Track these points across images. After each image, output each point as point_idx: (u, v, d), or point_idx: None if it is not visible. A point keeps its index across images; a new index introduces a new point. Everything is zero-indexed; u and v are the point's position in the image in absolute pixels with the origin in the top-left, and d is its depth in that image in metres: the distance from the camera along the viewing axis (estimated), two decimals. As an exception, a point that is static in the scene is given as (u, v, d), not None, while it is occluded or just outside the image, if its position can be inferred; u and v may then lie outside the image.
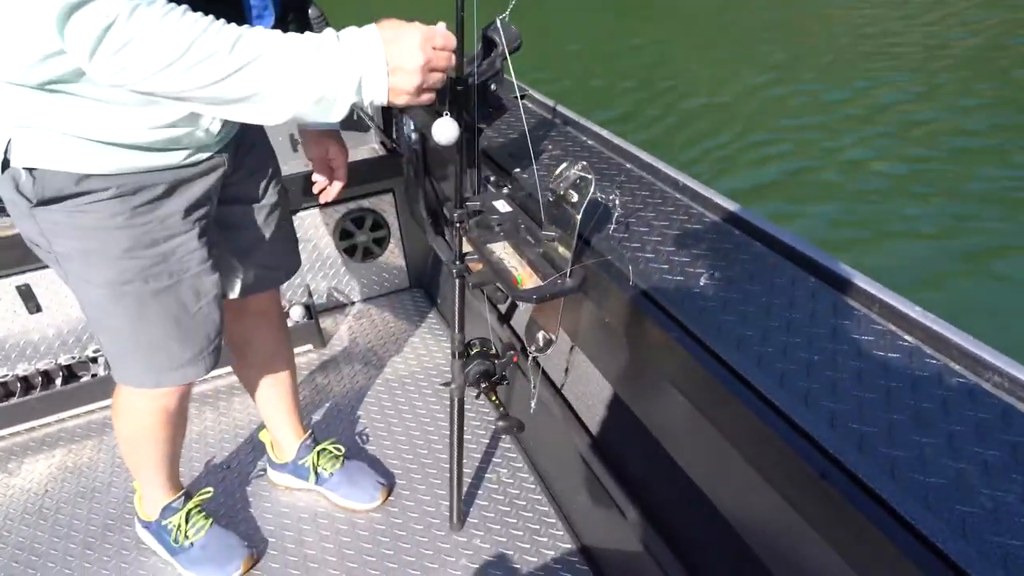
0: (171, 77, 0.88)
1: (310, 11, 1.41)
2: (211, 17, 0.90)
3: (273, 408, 1.83)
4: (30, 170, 1.09)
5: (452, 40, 1.01)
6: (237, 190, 1.42)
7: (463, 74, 1.18)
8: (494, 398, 1.52)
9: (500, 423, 1.52)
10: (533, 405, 1.54)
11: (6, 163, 1.09)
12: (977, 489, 0.81)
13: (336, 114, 0.96)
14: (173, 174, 1.19)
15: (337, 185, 1.62)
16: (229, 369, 2.23)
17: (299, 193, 2.38)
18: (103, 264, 1.19)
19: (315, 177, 1.61)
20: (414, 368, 2.41)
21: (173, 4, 0.89)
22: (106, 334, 1.32)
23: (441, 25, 1.01)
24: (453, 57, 1.02)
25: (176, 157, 1.18)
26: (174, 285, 1.26)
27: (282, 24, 1.26)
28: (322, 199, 1.62)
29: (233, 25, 0.91)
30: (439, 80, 1.01)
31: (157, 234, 1.21)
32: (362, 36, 0.95)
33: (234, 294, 1.54)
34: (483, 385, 1.50)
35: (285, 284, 1.79)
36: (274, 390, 1.80)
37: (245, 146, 1.40)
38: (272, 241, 1.54)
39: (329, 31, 0.96)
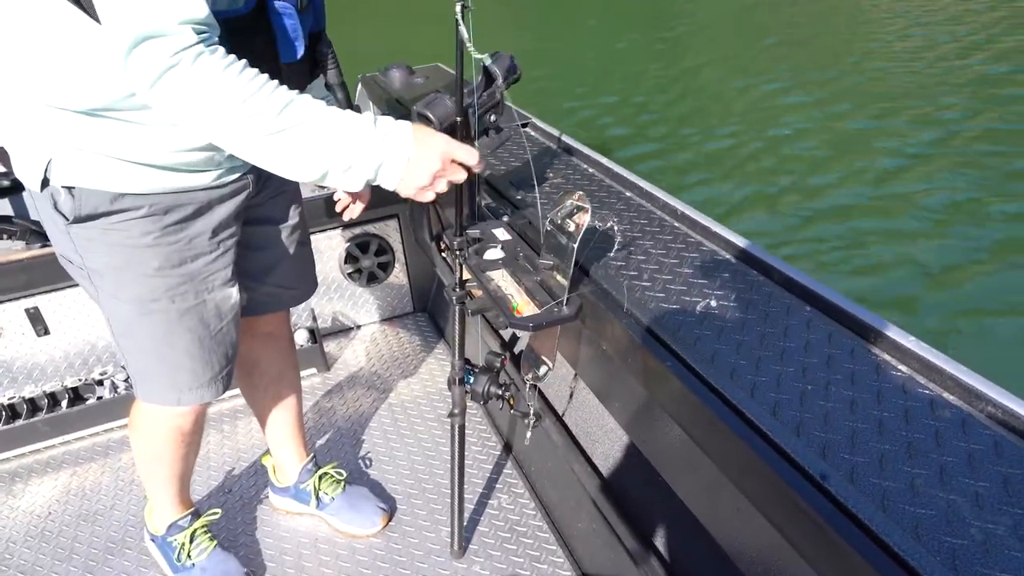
0: (219, 125, 0.96)
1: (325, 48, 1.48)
2: (266, 76, 0.97)
3: (277, 429, 1.84)
4: (69, 189, 1.14)
5: (473, 158, 1.10)
6: (261, 211, 1.45)
7: (464, 105, 1.21)
8: (509, 398, 1.52)
9: (518, 412, 1.53)
10: (528, 436, 1.54)
11: (45, 182, 1.14)
12: (968, 521, 0.81)
13: (351, 185, 1.04)
14: (204, 195, 1.24)
15: (360, 205, 1.61)
16: (235, 392, 2.25)
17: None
18: (133, 281, 1.23)
19: (338, 195, 1.61)
20: (417, 393, 2.42)
21: (233, 57, 0.95)
22: (131, 351, 1.34)
23: (469, 148, 1.10)
24: (466, 173, 1.11)
25: (206, 178, 1.23)
26: (199, 305, 1.29)
27: (309, 52, 1.33)
28: (345, 217, 1.60)
29: (285, 88, 0.98)
30: (444, 186, 1.10)
31: (185, 253, 1.24)
32: (396, 129, 1.04)
33: (245, 313, 1.54)
34: (492, 392, 1.51)
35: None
36: (279, 412, 1.81)
37: None
38: (291, 262, 1.57)
39: (368, 115, 1.03)
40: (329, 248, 2.56)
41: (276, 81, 0.99)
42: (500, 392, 1.52)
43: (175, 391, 1.37)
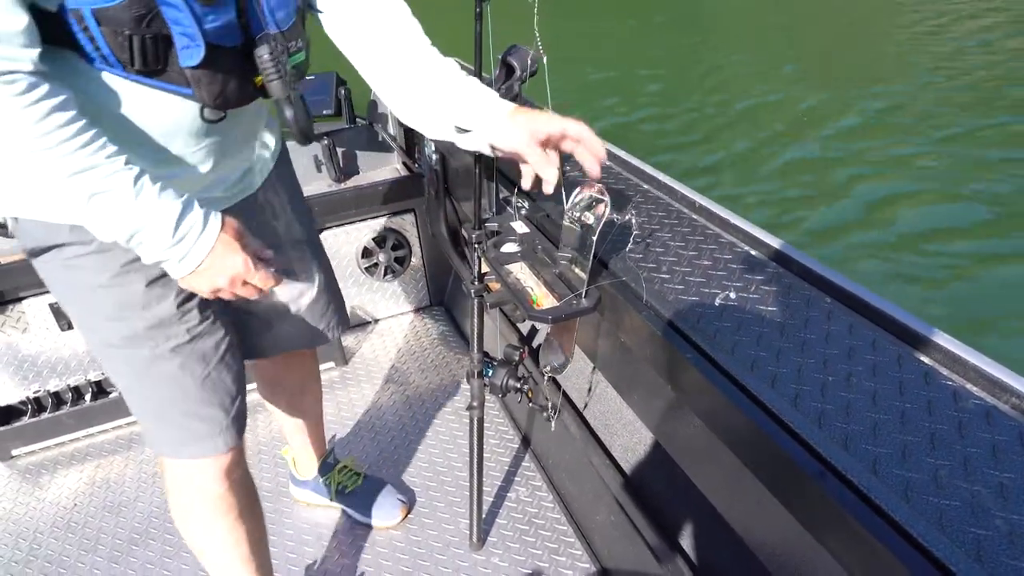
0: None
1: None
2: (76, 126, 0.85)
3: (297, 430, 1.82)
4: (15, 219, 1.03)
5: (267, 285, 1.04)
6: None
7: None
8: (528, 391, 1.53)
9: (536, 405, 1.53)
10: (553, 426, 1.55)
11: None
12: (992, 512, 0.80)
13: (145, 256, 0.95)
14: None
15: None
16: (252, 385, 2.27)
17: (321, 213, 2.43)
18: (96, 324, 1.11)
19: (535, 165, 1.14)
20: (434, 386, 2.43)
21: (40, 94, 0.82)
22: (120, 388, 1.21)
23: (267, 274, 1.03)
24: (256, 292, 1.05)
25: None
26: (175, 350, 1.13)
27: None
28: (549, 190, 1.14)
29: (94, 150, 0.86)
30: (227, 295, 1.03)
31: (150, 295, 1.09)
32: (194, 240, 0.95)
33: (261, 356, 1.45)
34: (511, 384, 1.52)
35: None
36: (300, 417, 1.78)
37: (265, 196, 1.29)
38: (309, 299, 1.42)
39: (173, 208, 0.92)
40: (347, 243, 2.58)
41: (90, 135, 0.86)
42: (519, 385, 1.53)
43: (170, 444, 1.22)
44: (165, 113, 0.98)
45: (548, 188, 1.12)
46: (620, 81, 8.25)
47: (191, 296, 1.13)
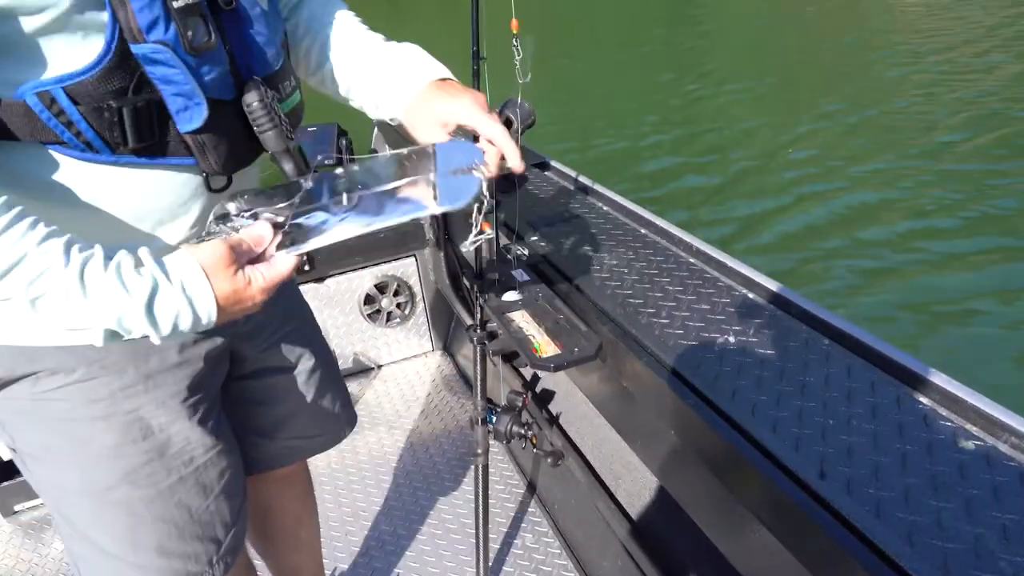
0: None
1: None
2: (31, 238, 0.67)
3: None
4: None
5: (292, 265, 0.82)
6: (258, 363, 1.15)
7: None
8: (532, 437, 1.54)
9: (541, 451, 1.53)
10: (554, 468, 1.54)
11: None
12: (996, 554, 0.81)
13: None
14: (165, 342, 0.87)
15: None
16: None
17: (324, 260, 2.46)
18: (79, 466, 0.92)
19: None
20: (438, 431, 2.43)
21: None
22: (87, 558, 0.99)
23: (280, 264, 0.82)
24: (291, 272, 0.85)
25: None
26: (174, 484, 0.97)
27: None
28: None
29: (45, 251, 0.68)
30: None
31: (150, 422, 0.94)
32: (193, 312, 0.74)
33: (256, 470, 1.26)
34: (515, 431, 1.53)
35: None
36: (299, 561, 1.54)
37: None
38: (311, 409, 1.26)
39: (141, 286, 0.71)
40: (349, 290, 2.60)
41: (40, 237, 0.68)
42: (523, 431, 1.53)
43: None
44: (161, 194, 0.84)
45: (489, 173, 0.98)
46: (610, 117, 8.39)
47: (202, 416, 1.00)
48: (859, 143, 6.84)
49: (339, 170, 0.87)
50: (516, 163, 0.96)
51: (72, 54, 0.72)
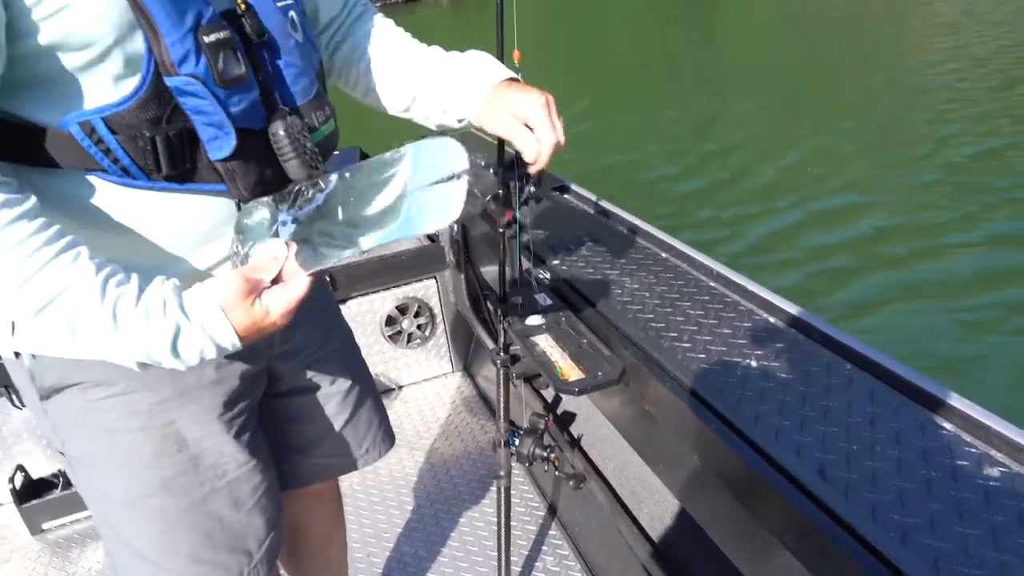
0: None
1: None
2: (43, 250, 0.71)
3: None
4: (33, 356, 0.90)
5: (305, 286, 0.84)
6: (292, 382, 1.18)
7: (504, 178, 1.28)
8: (554, 459, 1.55)
9: (563, 474, 1.53)
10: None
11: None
12: None
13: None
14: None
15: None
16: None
17: (347, 283, 2.50)
18: (121, 474, 0.98)
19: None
20: (459, 453, 2.44)
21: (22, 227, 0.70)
22: (126, 562, 1.04)
23: (296, 286, 0.83)
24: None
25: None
26: (208, 495, 1.01)
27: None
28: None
29: (60, 270, 0.71)
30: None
31: (185, 435, 0.98)
32: (211, 345, 0.77)
33: (289, 486, 1.28)
34: (537, 453, 1.53)
35: None
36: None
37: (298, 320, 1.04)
38: (347, 426, 1.28)
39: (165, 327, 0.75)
40: (371, 311, 2.63)
41: (61, 259, 0.71)
42: (545, 454, 1.54)
43: None
44: (194, 218, 0.88)
45: (532, 168, 1.07)
46: (626, 135, 8.41)
47: (237, 431, 1.03)
48: (885, 159, 6.82)
49: (332, 178, 0.87)
50: (538, 164, 1.04)
51: (111, 86, 0.78)
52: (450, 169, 0.79)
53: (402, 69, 1.13)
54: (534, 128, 1.03)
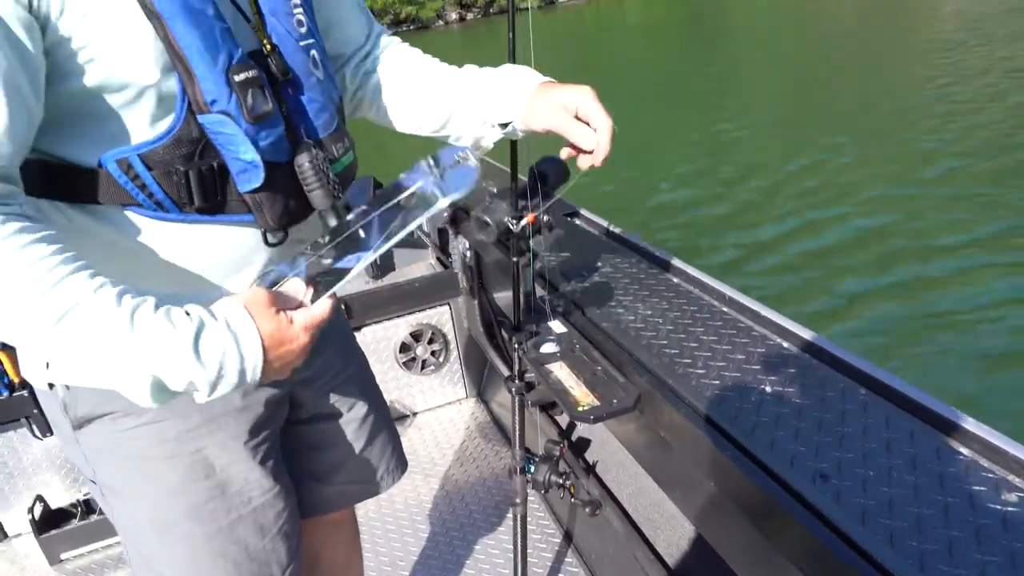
0: None
1: None
2: (55, 268, 0.71)
3: None
4: (66, 385, 0.93)
5: (327, 308, 0.87)
6: (312, 409, 1.21)
7: (518, 209, 1.31)
8: (570, 486, 1.55)
9: (579, 500, 1.53)
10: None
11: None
12: None
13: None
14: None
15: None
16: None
17: (361, 310, 2.52)
18: (150, 501, 1.00)
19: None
20: (473, 479, 2.44)
21: (18, 229, 0.70)
22: None
23: (320, 306, 0.85)
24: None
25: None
26: (234, 523, 1.03)
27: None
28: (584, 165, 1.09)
29: (75, 289, 0.71)
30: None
31: (213, 462, 1.00)
32: (241, 372, 0.77)
33: (309, 514, 1.28)
34: (553, 480, 1.54)
35: None
36: None
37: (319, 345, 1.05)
38: (364, 453, 1.30)
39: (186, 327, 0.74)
40: (385, 338, 2.65)
41: (79, 277, 0.71)
42: (561, 481, 1.55)
43: None
44: (224, 247, 0.92)
45: (584, 163, 1.08)
46: (639, 160, 8.45)
47: (262, 458, 1.05)
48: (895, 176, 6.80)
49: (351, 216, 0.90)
50: (596, 159, 1.06)
51: (147, 125, 0.82)
52: (455, 157, 0.90)
53: (434, 88, 1.16)
54: (588, 117, 1.04)
